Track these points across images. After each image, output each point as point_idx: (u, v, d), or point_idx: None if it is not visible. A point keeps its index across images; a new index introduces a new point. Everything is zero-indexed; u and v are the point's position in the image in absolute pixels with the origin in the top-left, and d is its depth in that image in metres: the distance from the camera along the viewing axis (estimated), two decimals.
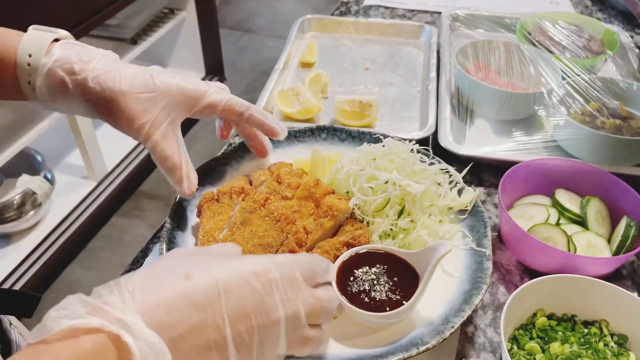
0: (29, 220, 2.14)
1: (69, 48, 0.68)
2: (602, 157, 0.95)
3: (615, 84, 1.04)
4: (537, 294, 0.71)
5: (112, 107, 0.69)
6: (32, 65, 0.67)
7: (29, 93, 0.70)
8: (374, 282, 0.70)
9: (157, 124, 0.70)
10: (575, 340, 0.69)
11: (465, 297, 0.71)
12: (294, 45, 1.30)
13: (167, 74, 0.72)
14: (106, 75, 0.68)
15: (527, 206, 0.88)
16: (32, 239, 2.17)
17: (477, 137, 1.06)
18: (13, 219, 2.09)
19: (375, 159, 0.82)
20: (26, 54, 0.67)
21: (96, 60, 0.68)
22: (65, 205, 2.30)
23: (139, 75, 0.70)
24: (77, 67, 0.67)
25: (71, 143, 2.39)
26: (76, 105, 0.70)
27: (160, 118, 0.70)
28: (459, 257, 0.78)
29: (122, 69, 0.69)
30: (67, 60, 0.67)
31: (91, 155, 2.32)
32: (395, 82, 1.22)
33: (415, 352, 0.63)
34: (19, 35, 0.69)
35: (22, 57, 0.67)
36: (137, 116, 0.69)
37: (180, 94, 0.71)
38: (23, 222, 2.12)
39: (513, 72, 1.12)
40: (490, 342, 0.73)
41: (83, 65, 0.67)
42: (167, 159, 0.72)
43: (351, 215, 0.81)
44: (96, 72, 0.68)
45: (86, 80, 0.67)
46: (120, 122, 0.69)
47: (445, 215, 0.83)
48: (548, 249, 0.76)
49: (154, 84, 0.70)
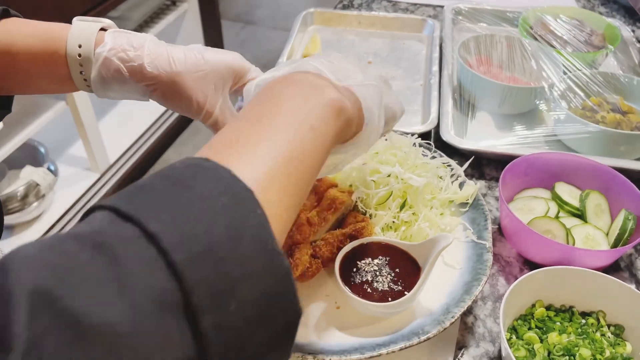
0: (33, 212, 2.15)
1: (119, 36, 0.69)
2: (602, 151, 0.96)
3: (616, 78, 1.05)
4: (536, 285, 0.73)
5: (170, 89, 0.70)
6: (84, 56, 0.68)
7: (80, 84, 0.71)
8: (377, 273, 0.71)
9: (214, 100, 0.72)
10: (572, 331, 0.71)
11: (466, 288, 0.73)
12: (296, 39, 1.31)
13: (212, 51, 0.73)
14: (160, 58, 0.69)
15: (527, 199, 0.89)
16: (36, 230, 2.18)
17: (478, 131, 1.08)
18: (16, 211, 2.11)
19: (378, 153, 0.83)
20: (76, 45, 0.68)
21: (147, 45, 0.69)
22: (69, 197, 2.31)
23: (190, 55, 0.71)
24: (131, 54, 0.68)
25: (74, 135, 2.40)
26: (132, 91, 0.71)
27: (216, 96, 0.72)
28: (459, 249, 0.80)
29: (172, 50, 0.70)
30: (121, 48, 0.68)
31: (94, 147, 2.33)
32: (398, 76, 1.23)
33: (417, 341, 0.65)
34: (65, 28, 0.70)
35: (72, 48, 0.68)
36: (195, 96, 0.70)
37: (228, 70, 0.72)
38: (26, 214, 2.13)
39: (515, 66, 1.13)
40: (489, 332, 0.75)
41: (137, 52, 0.68)
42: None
43: (354, 208, 0.82)
44: (151, 57, 0.69)
45: (142, 67, 0.68)
46: (179, 103, 0.71)
47: (446, 208, 0.84)
48: (547, 242, 0.77)
49: (204, 61, 0.71)
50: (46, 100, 2.13)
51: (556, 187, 0.89)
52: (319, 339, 0.69)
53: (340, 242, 0.76)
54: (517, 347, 0.69)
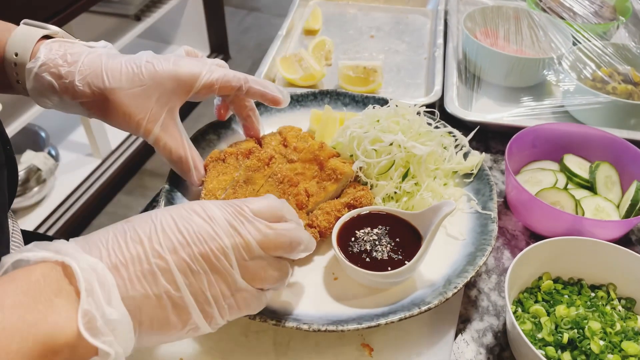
0: (34, 197, 2.14)
1: (56, 48, 0.66)
2: (612, 122, 0.92)
3: (628, 49, 1.01)
4: (543, 256, 0.69)
5: (104, 107, 0.66)
6: (19, 65, 0.65)
7: (20, 91, 0.68)
8: (376, 242, 0.68)
9: (154, 117, 0.67)
10: (581, 304, 0.67)
11: (469, 259, 0.69)
12: (297, 13, 1.28)
13: (158, 60, 0.68)
14: (93, 74, 0.65)
15: (535, 171, 0.86)
16: (37, 215, 2.17)
17: (484, 104, 1.04)
18: (18, 195, 2.09)
19: (380, 121, 0.80)
20: (13, 53, 0.65)
21: (82, 59, 0.65)
22: (70, 182, 2.29)
23: (127, 69, 0.66)
24: (63, 71, 0.65)
25: (75, 120, 2.38)
26: (70, 106, 0.68)
27: (157, 111, 0.67)
28: (463, 220, 0.76)
29: (109, 64, 0.66)
30: (53, 63, 0.65)
31: (95, 133, 2.31)
32: (401, 50, 1.19)
33: (417, 312, 0.62)
34: (8, 31, 0.67)
35: (9, 55, 0.65)
36: (132, 113, 0.66)
37: (173, 81, 0.67)
38: (28, 199, 2.12)
39: (522, 39, 1.09)
40: (494, 306, 0.72)
41: (69, 68, 0.65)
42: (171, 152, 0.70)
43: (355, 179, 0.79)
44: (83, 73, 0.65)
45: (74, 84, 0.64)
46: (116, 120, 0.67)
47: (450, 179, 0.81)
48: (555, 212, 0.74)
49: (143, 76, 0.66)
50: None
51: (565, 158, 0.86)
52: (315, 310, 0.66)
53: (339, 211, 0.73)
54: (523, 320, 0.66)
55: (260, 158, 0.77)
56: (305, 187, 0.75)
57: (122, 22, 2.50)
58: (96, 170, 2.38)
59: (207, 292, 0.48)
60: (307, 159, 0.78)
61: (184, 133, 0.72)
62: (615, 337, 0.63)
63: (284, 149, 0.81)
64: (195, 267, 0.47)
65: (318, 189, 0.75)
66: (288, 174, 0.76)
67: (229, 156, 0.79)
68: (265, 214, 0.53)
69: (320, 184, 0.76)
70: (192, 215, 0.49)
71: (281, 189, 0.75)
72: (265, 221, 0.52)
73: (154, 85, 0.67)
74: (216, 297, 0.49)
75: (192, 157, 0.72)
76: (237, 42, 3.39)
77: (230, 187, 0.75)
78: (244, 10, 3.72)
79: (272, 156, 0.77)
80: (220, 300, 0.49)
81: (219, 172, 0.77)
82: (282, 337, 0.66)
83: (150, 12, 2.60)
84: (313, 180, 0.77)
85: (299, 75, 1.04)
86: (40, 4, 1.73)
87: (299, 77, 1.04)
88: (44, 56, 0.65)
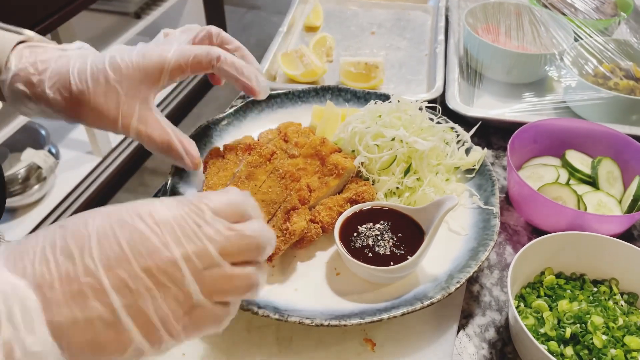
0: (34, 195, 2.13)
1: (27, 55, 0.65)
2: (614, 118, 0.92)
3: (629, 45, 1.01)
4: (546, 251, 0.69)
5: (79, 111, 0.65)
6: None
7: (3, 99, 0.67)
8: (378, 237, 0.68)
9: (129, 112, 0.66)
10: (584, 299, 0.67)
11: (472, 254, 0.69)
12: (298, 10, 1.27)
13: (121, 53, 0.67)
14: (62, 80, 0.64)
15: (536, 167, 0.85)
16: (37, 213, 2.17)
17: (485, 101, 1.04)
18: (18, 193, 2.09)
19: (382, 116, 0.80)
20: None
21: (52, 65, 0.64)
22: (70, 181, 2.29)
23: (92, 69, 0.65)
24: (35, 79, 0.64)
25: None
26: (48, 113, 0.67)
27: (129, 105, 0.66)
28: (465, 216, 0.76)
29: (76, 66, 0.65)
30: (24, 72, 0.64)
31: (96, 131, 2.30)
32: (402, 46, 1.19)
33: (420, 306, 0.62)
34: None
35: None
36: (104, 112, 0.65)
37: (139, 72, 0.66)
38: (28, 197, 2.12)
39: (524, 35, 1.09)
40: (496, 301, 0.72)
41: (40, 76, 0.64)
42: (156, 142, 0.68)
43: (357, 174, 0.79)
44: (52, 79, 0.64)
45: (44, 92, 0.64)
46: (94, 122, 0.66)
47: (452, 174, 0.81)
48: (557, 207, 0.74)
49: (108, 73, 0.65)
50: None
51: (567, 154, 0.85)
52: (318, 305, 0.66)
53: (341, 206, 0.73)
54: (526, 315, 0.66)
55: (261, 154, 0.76)
56: (307, 182, 0.75)
57: (122, 20, 2.50)
58: (96, 168, 2.38)
59: (151, 314, 0.40)
60: (309, 154, 0.78)
61: (165, 121, 0.70)
62: (617, 332, 0.63)
63: (284, 144, 0.81)
64: (136, 285, 0.40)
65: (320, 184, 0.75)
66: (290, 169, 0.75)
67: (229, 152, 0.79)
68: (227, 212, 0.44)
69: (322, 179, 0.76)
70: (135, 220, 0.41)
71: (283, 185, 0.74)
72: (226, 221, 0.44)
73: (121, 80, 0.65)
74: (164, 317, 0.41)
75: (181, 141, 0.70)
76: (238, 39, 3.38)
77: (232, 183, 0.75)
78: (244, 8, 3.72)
79: (274, 152, 0.77)
80: (171, 321, 0.41)
81: (218, 168, 0.77)
82: (284, 332, 0.66)
83: (150, 10, 2.60)
84: (315, 175, 0.77)
85: (300, 71, 1.04)
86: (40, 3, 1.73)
87: (300, 73, 1.04)
88: (14, 66, 0.64)
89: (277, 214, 0.71)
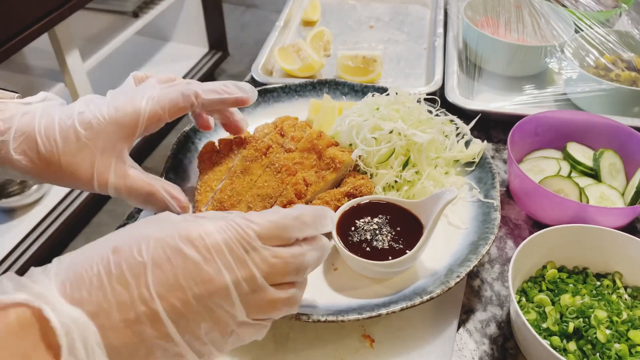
0: (33, 195, 2.13)
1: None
2: (616, 110, 0.91)
3: (631, 36, 1.00)
4: (547, 245, 0.68)
5: (49, 172, 0.60)
6: None
7: None
8: (376, 232, 0.67)
9: (104, 168, 0.61)
10: (586, 293, 0.66)
11: (472, 248, 0.68)
12: (295, 4, 1.26)
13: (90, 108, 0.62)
14: (27, 141, 0.59)
15: (537, 160, 0.84)
16: (36, 213, 2.16)
17: (485, 94, 1.03)
18: (16, 194, 2.08)
19: (379, 109, 0.78)
20: None
21: (15, 124, 0.59)
22: None
23: (61, 127, 0.60)
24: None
25: None
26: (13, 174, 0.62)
27: (105, 161, 0.61)
28: (465, 209, 0.75)
29: (43, 124, 0.60)
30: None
31: None
32: (401, 40, 1.18)
33: (419, 301, 0.60)
34: None
35: None
36: (78, 173, 0.60)
37: (113, 126, 0.61)
38: (26, 197, 2.11)
39: (524, 27, 1.08)
40: (497, 296, 0.70)
41: (3, 137, 0.59)
42: (139, 193, 0.63)
43: (355, 168, 0.78)
44: (17, 140, 0.59)
45: (9, 154, 0.59)
46: (67, 183, 0.61)
47: (451, 167, 0.80)
48: (559, 200, 0.72)
49: (79, 130, 0.60)
50: (44, 82, 2.09)
51: (568, 146, 0.84)
52: (314, 300, 0.64)
53: (338, 200, 0.71)
54: (527, 309, 0.64)
55: (257, 148, 0.75)
56: (303, 176, 0.74)
57: (119, 19, 2.49)
58: None
59: (203, 336, 0.44)
60: (305, 148, 0.77)
61: (141, 171, 0.66)
62: (621, 326, 0.61)
63: (280, 138, 0.80)
64: (188, 311, 0.42)
65: (317, 179, 0.74)
66: (286, 163, 0.74)
67: (224, 146, 0.77)
68: (273, 237, 0.47)
69: (319, 173, 0.75)
70: (188, 247, 0.43)
71: (279, 179, 0.73)
72: (272, 248, 0.47)
73: (93, 137, 0.60)
74: (214, 339, 0.45)
75: (164, 189, 0.66)
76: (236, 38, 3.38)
77: (227, 178, 0.73)
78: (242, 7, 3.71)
79: (270, 145, 0.76)
80: (219, 340, 0.45)
81: (214, 162, 0.76)
82: (281, 329, 0.65)
83: (148, 9, 2.58)
84: (312, 169, 0.75)
85: (298, 65, 1.03)
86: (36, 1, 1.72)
87: (297, 68, 1.03)
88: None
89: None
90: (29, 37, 1.72)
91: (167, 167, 0.78)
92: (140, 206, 0.66)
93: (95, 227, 2.38)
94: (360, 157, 0.76)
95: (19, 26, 1.68)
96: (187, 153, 0.81)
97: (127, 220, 0.81)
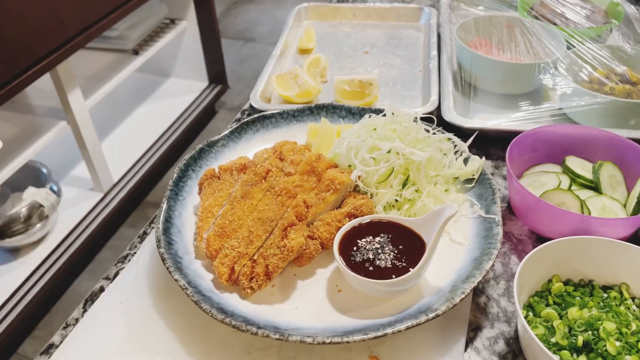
0: (36, 234, 2.13)
1: None
2: (612, 123, 0.91)
3: (623, 50, 1.01)
4: (552, 258, 0.67)
5: None
6: None
7: None
8: (379, 251, 0.67)
9: None
10: (594, 305, 0.65)
11: (475, 264, 0.67)
12: (290, 33, 1.29)
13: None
14: None
15: (537, 174, 0.84)
16: (40, 252, 2.15)
17: (482, 113, 1.03)
18: (20, 232, 2.08)
19: (377, 129, 0.79)
20: None
21: None
22: (73, 218, 2.28)
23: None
24: None
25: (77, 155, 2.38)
26: None
27: None
28: (467, 226, 0.75)
29: None
30: None
31: (97, 167, 2.31)
32: (396, 64, 1.20)
33: (424, 319, 0.60)
34: None
35: None
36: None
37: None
38: (30, 236, 2.11)
39: (516, 46, 1.09)
40: (504, 312, 0.70)
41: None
42: None
43: (355, 189, 0.78)
44: None
45: None
46: None
47: (451, 185, 0.80)
48: (561, 213, 0.72)
49: None
50: (46, 121, 2.12)
51: (567, 160, 0.84)
52: (319, 323, 0.64)
53: (339, 221, 0.71)
54: (535, 324, 0.63)
55: (256, 172, 0.76)
56: (304, 198, 0.74)
57: (120, 57, 2.53)
58: (98, 204, 2.37)
59: None
60: (305, 171, 0.77)
61: None
62: (631, 338, 0.61)
63: (280, 162, 0.80)
64: None
65: (317, 200, 0.74)
66: (286, 186, 0.74)
67: (224, 172, 0.78)
68: None
69: (319, 195, 0.75)
70: None
71: (280, 202, 0.73)
72: None
73: None
74: None
75: None
76: (235, 72, 3.43)
77: (228, 203, 0.74)
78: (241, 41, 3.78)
79: (269, 170, 0.76)
80: None
81: (214, 189, 0.76)
82: (287, 352, 0.64)
83: (147, 46, 2.63)
84: (312, 191, 0.76)
85: (295, 91, 1.04)
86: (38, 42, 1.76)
87: (294, 94, 1.04)
88: None
89: (275, 231, 0.70)
90: (31, 77, 1.75)
91: (168, 196, 0.78)
92: None
93: (99, 263, 2.37)
94: (360, 178, 0.77)
95: (21, 67, 1.71)
96: (188, 180, 0.82)
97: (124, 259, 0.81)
